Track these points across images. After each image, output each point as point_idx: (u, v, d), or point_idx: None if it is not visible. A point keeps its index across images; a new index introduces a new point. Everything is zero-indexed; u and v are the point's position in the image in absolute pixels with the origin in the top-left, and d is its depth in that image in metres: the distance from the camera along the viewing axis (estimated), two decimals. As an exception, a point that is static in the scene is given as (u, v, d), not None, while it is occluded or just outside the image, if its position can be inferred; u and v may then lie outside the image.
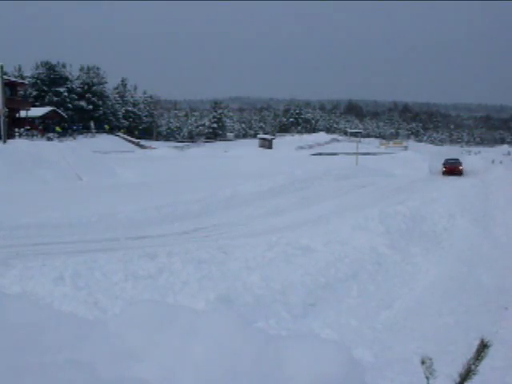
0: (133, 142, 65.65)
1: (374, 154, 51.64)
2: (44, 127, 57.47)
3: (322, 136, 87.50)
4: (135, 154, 49.82)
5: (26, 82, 65.23)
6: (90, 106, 75.88)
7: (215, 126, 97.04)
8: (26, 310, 2.02)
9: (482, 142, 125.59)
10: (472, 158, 52.95)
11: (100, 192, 18.53)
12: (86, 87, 77.08)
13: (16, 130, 43.36)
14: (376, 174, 26.80)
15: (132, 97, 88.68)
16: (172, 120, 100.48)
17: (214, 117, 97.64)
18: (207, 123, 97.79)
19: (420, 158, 42.46)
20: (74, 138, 55.88)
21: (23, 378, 1.60)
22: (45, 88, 72.88)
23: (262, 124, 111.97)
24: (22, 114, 52.35)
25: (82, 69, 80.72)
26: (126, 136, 69.04)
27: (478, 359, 1.69)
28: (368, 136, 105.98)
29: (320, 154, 54.25)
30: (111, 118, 79.30)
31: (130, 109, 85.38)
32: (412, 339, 5.26)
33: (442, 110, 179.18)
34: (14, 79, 55.78)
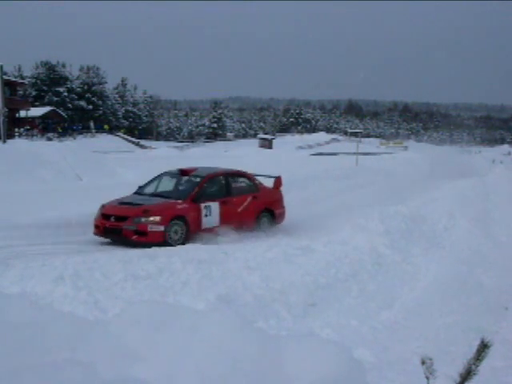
0: (133, 142, 65.66)
1: (374, 153, 51.60)
2: (44, 127, 57.50)
3: (322, 136, 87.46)
4: (135, 153, 49.76)
5: (26, 82, 65.26)
6: (90, 106, 75.92)
7: (215, 125, 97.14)
8: (26, 310, 2.02)
9: (483, 142, 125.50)
10: (473, 157, 52.92)
11: (100, 192, 18.48)
12: (85, 87, 77.14)
13: (16, 130, 43.39)
14: (376, 173, 26.77)
15: (132, 97, 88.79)
16: (172, 120, 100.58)
17: (213, 117, 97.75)
18: (207, 123, 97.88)
19: (420, 158, 42.42)
20: (74, 138, 55.89)
21: (23, 378, 1.60)
22: (45, 88, 72.90)
23: (262, 124, 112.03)
24: (22, 114, 52.38)
25: (81, 69, 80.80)
26: (126, 136, 69.08)
27: (478, 359, 1.69)
28: (368, 136, 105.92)
29: (320, 153, 54.23)
30: (111, 117, 79.36)
31: (129, 109, 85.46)
32: (412, 339, 5.27)
33: (442, 109, 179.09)
34: (13, 79, 55.86)
